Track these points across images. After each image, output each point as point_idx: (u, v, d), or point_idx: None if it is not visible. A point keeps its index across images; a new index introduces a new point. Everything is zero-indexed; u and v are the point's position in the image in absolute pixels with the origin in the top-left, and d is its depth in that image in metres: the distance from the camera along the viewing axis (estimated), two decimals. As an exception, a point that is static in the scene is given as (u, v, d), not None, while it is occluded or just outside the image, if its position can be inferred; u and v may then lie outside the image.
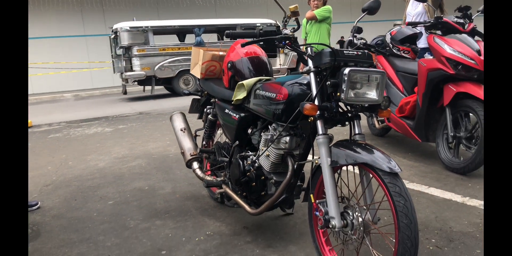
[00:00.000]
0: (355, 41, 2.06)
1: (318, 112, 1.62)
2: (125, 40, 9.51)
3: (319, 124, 1.64)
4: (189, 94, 2.76)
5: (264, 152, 1.97)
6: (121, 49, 9.71)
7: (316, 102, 1.64)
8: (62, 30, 15.26)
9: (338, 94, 1.59)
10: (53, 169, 3.87)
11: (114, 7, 15.75)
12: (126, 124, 6.17)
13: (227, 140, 2.59)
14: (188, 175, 3.35)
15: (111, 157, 4.16)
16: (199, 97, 2.83)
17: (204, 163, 2.78)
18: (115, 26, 9.70)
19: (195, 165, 2.59)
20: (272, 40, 1.75)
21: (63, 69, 14.18)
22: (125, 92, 10.86)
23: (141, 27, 9.66)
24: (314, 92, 1.66)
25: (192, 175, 3.30)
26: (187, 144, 2.66)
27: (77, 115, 7.71)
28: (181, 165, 3.66)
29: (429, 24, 3.22)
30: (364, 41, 1.93)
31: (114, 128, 5.93)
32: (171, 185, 3.14)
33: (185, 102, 8.40)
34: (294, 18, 1.85)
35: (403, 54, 3.77)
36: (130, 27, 9.57)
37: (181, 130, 2.73)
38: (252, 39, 1.79)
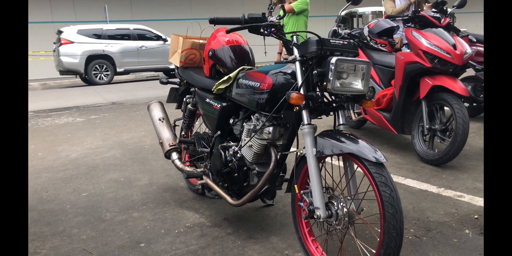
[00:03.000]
0: (339, 31, 2.05)
1: (304, 102, 1.60)
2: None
3: (304, 114, 1.62)
4: (167, 83, 2.68)
5: (246, 142, 1.94)
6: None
7: (301, 92, 1.62)
8: (28, 16, 14.60)
9: (324, 83, 1.57)
10: (22, 160, 3.70)
11: (84, -7, 15.21)
12: (98, 115, 5.99)
13: (206, 130, 2.54)
14: (165, 166, 3.29)
15: (83, 148, 4.03)
16: (178, 86, 2.76)
17: (183, 154, 2.73)
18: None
19: (174, 155, 2.53)
20: (257, 27, 1.71)
21: (30, 57, 13.58)
22: None
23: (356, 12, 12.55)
24: (300, 81, 1.64)
25: (169, 166, 3.23)
26: (166, 134, 2.60)
27: (46, 104, 7.42)
28: (157, 156, 3.58)
29: (407, 17, 3.26)
30: (348, 31, 1.93)
31: (86, 118, 5.75)
32: (148, 177, 3.07)
33: (159, 93, 8.23)
34: (279, 5, 1.82)
35: (380, 47, 3.81)
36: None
37: (159, 119, 2.66)
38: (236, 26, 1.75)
